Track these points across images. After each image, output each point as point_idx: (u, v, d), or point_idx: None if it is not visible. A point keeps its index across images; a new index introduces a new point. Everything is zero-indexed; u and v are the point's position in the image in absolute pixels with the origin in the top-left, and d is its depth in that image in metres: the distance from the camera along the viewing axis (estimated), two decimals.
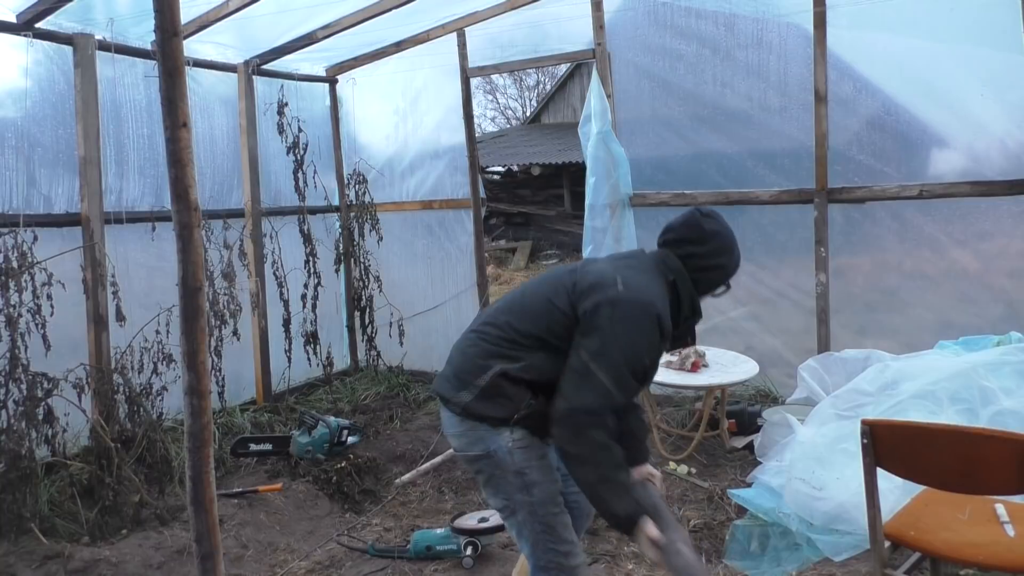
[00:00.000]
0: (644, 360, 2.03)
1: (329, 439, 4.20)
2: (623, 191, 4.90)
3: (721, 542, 3.26)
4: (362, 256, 6.05)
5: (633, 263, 2.19)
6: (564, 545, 2.12)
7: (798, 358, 4.23)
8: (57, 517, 3.50)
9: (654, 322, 2.02)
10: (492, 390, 2.07)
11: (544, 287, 2.19)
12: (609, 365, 1.96)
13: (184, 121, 1.67)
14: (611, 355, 1.97)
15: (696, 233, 2.20)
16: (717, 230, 2.22)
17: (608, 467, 1.96)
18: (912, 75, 4.20)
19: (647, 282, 2.10)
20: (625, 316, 1.99)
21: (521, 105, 28.92)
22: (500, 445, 2.08)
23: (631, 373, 2.00)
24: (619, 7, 4.98)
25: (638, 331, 2.00)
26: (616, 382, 1.97)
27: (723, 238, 2.22)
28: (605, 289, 2.03)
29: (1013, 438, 2.02)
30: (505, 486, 2.11)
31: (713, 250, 2.20)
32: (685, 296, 2.16)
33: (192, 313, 1.72)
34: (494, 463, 2.10)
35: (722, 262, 2.22)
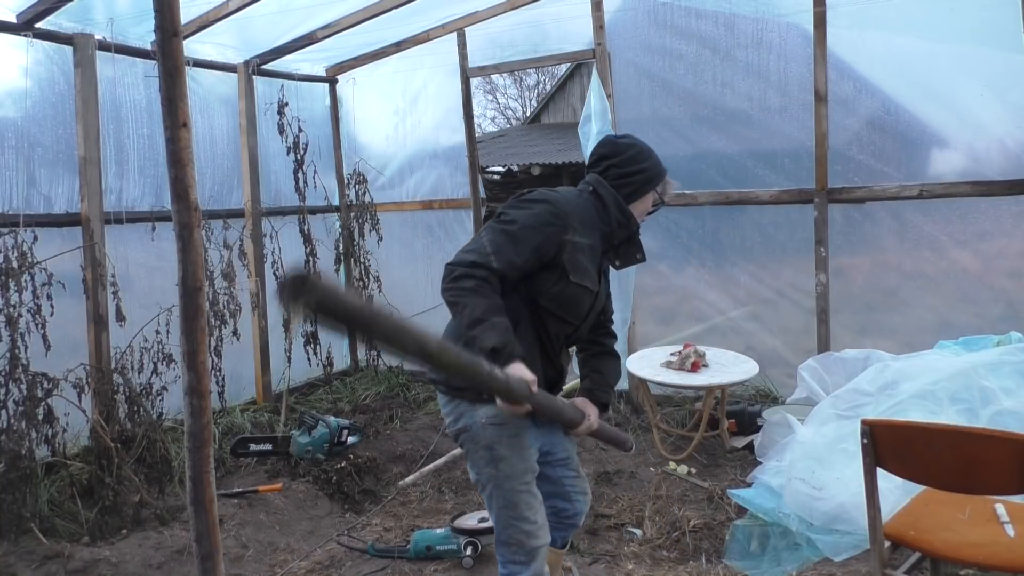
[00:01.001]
0: (532, 236, 2.10)
1: (329, 439, 4.20)
2: None
3: (721, 542, 3.26)
4: (362, 256, 6.05)
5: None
6: (526, 524, 2.20)
7: (798, 358, 4.23)
8: (57, 517, 3.50)
9: (545, 203, 2.15)
10: None
11: None
12: (493, 231, 2.13)
13: (184, 121, 1.67)
14: (496, 225, 2.15)
15: (610, 148, 2.35)
16: (631, 143, 2.36)
17: (480, 310, 2.02)
18: (912, 75, 4.20)
19: (559, 192, 2.25)
20: (517, 203, 2.19)
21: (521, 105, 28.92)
22: (475, 420, 2.17)
23: (514, 244, 2.09)
24: (619, 7, 4.98)
25: (528, 209, 2.15)
26: (495, 244, 2.09)
27: (638, 148, 2.34)
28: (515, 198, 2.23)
29: (1013, 438, 2.02)
30: (477, 460, 2.21)
31: (629, 158, 2.32)
32: (609, 199, 2.27)
33: (192, 313, 1.72)
34: (469, 437, 2.20)
35: (642, 167, 2.31)
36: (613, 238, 2.30)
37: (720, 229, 4.82)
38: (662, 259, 4.96)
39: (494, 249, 2.09)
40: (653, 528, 3.41)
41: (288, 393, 5.45)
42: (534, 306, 2.18)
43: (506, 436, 2.18)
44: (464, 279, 2.06)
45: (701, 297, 4.92)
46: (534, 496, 2.24)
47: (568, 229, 2.15)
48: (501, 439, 2.18)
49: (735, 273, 4.81)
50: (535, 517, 2.22)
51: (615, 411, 4.80)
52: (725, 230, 4.80)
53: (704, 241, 4.84)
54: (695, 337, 4.77)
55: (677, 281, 4.98)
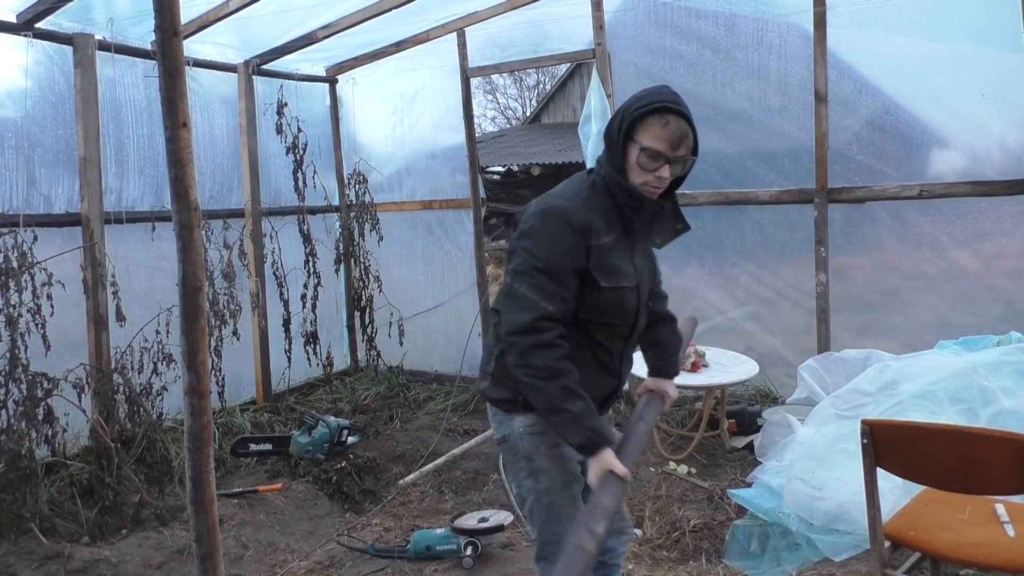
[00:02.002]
0: (564, 262, 1.89)
1: (329, 439, 4.20)
2: None
3: (721, 542, 3.26)
4: (362, 256, 6.05)
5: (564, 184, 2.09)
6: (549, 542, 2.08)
7: (798, 358, 4.23)
8: (57, 517, 3.50)
9: (559, 223, 1.90)
10: (499, 372, 2.05)
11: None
12: (526, 276, 1.89)
13: (184, 121, 1.67)
14: (527, 268, 1.90)
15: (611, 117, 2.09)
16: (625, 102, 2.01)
17: (554, 395, 1.86)
18: (912, 75, 4.20)
19: (559, 190, 2.03)
20: (532, 229, 1.92)
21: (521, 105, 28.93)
22: (512, 430, 2.07)
23: (554, 280, 1.89)
24: (619, 7, 4.98)
25: (546, 236, 1.90)
26: (538, 289, 1.88)
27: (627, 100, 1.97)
28: (521, 224, 1.98)
29: (1013, 438, 2.02)
30: (517, 472, 2.11)
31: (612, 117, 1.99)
32: (608, 178, 1.97)
33: (192, 313, 1.72)
34: (508, 447, 2.10)
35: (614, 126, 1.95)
36: (635, 219, 2.00)
37: (720, 229, 4.82)
38: (662, 259, 4.87)
39: (540, 295, 1.88)
40: (653, 528, 3.41)
41: (288, 393, 5.46)
42: (575, 320, 1.97)
43: (545, 446, 2.05)
44: (534, 353, 1.87)
45: (701, 297, 4.92)
46: (579, 510, 2.05)
47: (589, 234, 1.92)
48: (540, 449, 2.05)
49: (735, 273, 4.81)
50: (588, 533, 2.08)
51: (615, 411, 4.80)
52: (725, 230, 4.80)
53: (704, 241, 4.84)
54: (695, 337, 4.75)
55: (677, 281, 4.97)
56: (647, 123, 1.89)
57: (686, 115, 1.91)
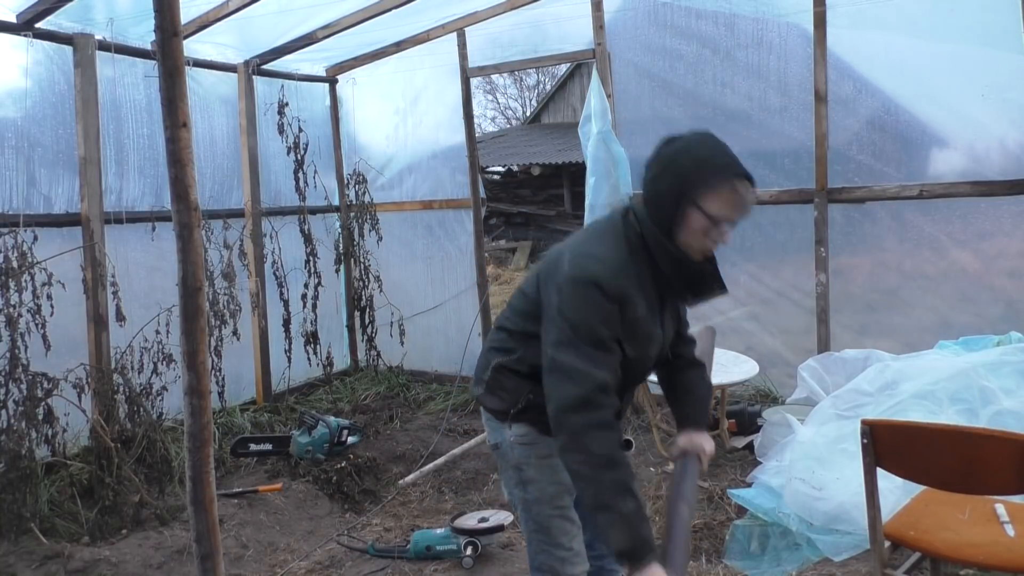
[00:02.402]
0: (604, 332, 1.78)
1: (329, 439, 4.20)
2: (623, 191, 4.89)
3: (721, 542, 3.26)
4: (362, 256, 6.05)
5: (594, 228, 1.98)
6: (560, 551, 2.01)
7: (798, 358, 4.23)
8: (57, 517, 3.50)
9: (596, 294, 1.78)
10: (493, 383, 2.04)
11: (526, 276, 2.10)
12: (571, 346, 1.76)
13: (184, 121, 1.67)
14: (568, 339, 1.77)
15: (651, 159, 1.88)
16: (668, 143, 1.85)
17: (607, 489, 1.71)
18: (912, 75, 4.20)
19: (596, 249, 1.86)
20: (569, 297, 1.79)
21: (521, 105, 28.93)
22: (504, 438, 2.04)
23: (600, 349, 1.78)
24: (619, 7, 4.98)
25: (584, 307, 1.78)
26: (586, 358, 1.75)
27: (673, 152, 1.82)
28: (555, 275, 1.86)
29: (1013, 438, 2.02)
30: (507, 480, 2.11)
31: (658, 170, 1.84)
32: (653, 245, 1.84)
33: (192, 313, 1.72)
34: (500, 454, 2.09)
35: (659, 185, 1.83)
36: (672, 280, 1.89)
37: None
38: None
39: (590, 363, 1.75)
40: (653, 528, 3.40)
41: (288, 393, 5.46)
42: None
43: (535, 457, 2.00)
44: (592, 436, 1.73)
45: None
46: (569, 521, 2.02)
47: (624, 304, 1.81)
48: (530, 459, 2.01)
49: (735, 273, 4.80)
50: (570, 544, 2.01)
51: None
52: None
53: None
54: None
55: None
56: (717, 190, 1.78)
57: (751, 177, 1.82)
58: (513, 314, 2.05)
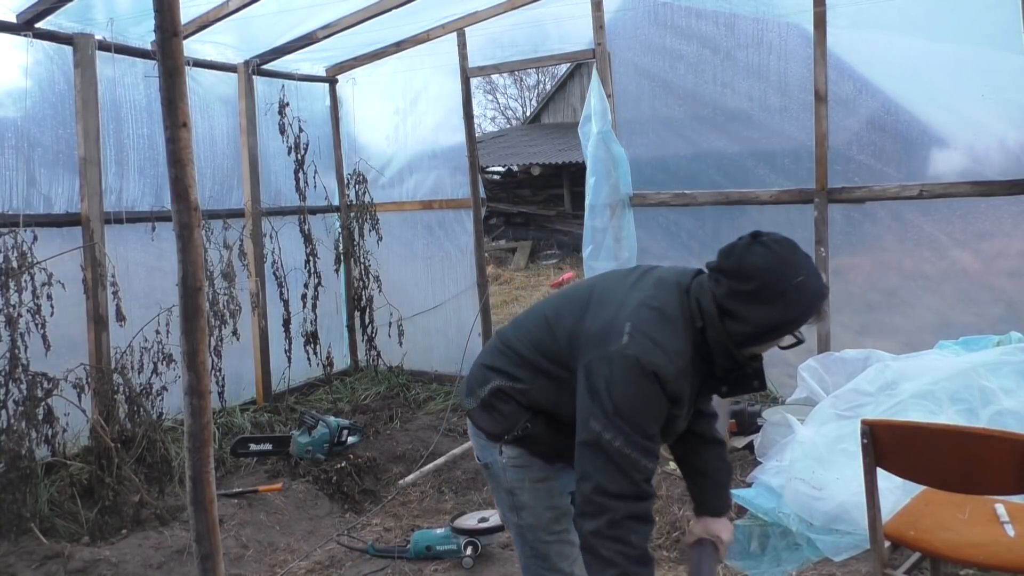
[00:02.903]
0: (651, 427, 1.71)
1: (329, 439, 4.20)
2: (623, 191, 4.90)
3: None
4: (362, 256, 6.05)
5: (657, 303, 1.77)
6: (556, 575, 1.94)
7: (798, 358, 4.22)
8: (57, 517, 3.50)
9: (655, 387, 1.68)
10: (488, 404, 1.93)
11: (555, 301, 1.97)
12: (624, 433, 1.65)
13: (184, 121, 1.67)
14: (621, 423, 1.66)
15: (735, 265, 1.72)
16: (762, 267, 1.69)
17: None
18: (912, 75, 4.20)
19: (661, 336, 1.71)
20: (622, 378, 1.67)
21: (521, 105, 28.95)
22: (496, 459, 1.94)
23: (650, 437, 1.71)
24: (619, 7, 4.98)
25: (641, 395, 1.68)
26: (640, 449, 1.67)
27: (766, 278, 1.68)
28: (608, 343, 1.71)
29: (1013, 438, 2.02)
30: (499, 502, 2.02)
31: (743, 293, 1.69)
32: (717, 350, 1.75)
33: (192, 313, 1.72)
34: (491, 475, 2.00)
35: (747, 314, 1.69)
36: (717, 380, 1.86)
37: (720, 229, 4.82)
38: (662, 260, 4.94)
39: (642, 453, 1.67)
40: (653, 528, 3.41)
41: (288, 393, 5.46)
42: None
43: (528, 480, 1.92)
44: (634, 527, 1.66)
45: None
46: (569, 544, 1.92)
47: (675, 403, 1.75)
48: (523, 484, 1.92)
49: None
50: (571, 568, 1.93)
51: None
52: (725, 230, 4.79)
53: (704, 241, 4.83)
54: None
55: None
56: (812, 317, 1.77)
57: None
58: (529, 342, 1.91)
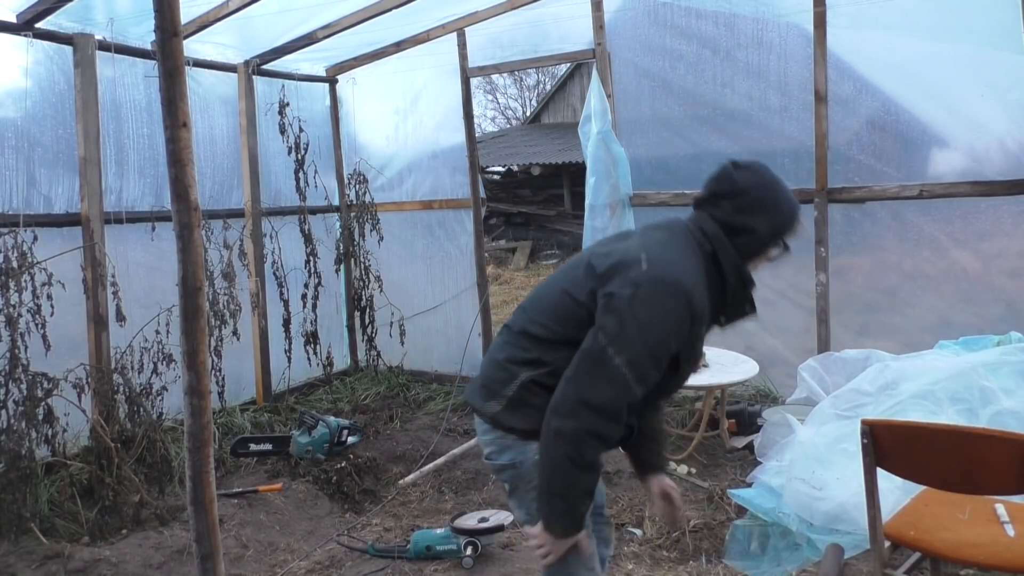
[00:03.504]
0: (670, 347, 1.77)
1: (329, 439, 4.20)
2: (623, 191, 4.90)
3: (721, 542, 3.26)
4: (362, 256, 6.05)
5: (663, 236, 1.89)
6: (583, 571, 1.95)
7: (798, 358, 4.23)
8: (57, 517, 3.50)
9: (682, 304, 1.75)
10: (519, 400, 1.89)
11: (561, 275, 1.98)
12: (629, 351, 1.70)
13: (184, 121, 1.67)
14: (631, 340, 1.70)
15: (728, 185, 1.90)
16: (756, 179, 1.88)
17: (575, 488, 1.77)
18: (912, 75, 4.20)
19: (678, 256, 1.82)
20: (648, 296, 1.73)
21: (521, 105, 28.95)
22: (527, 457, 1.91)
23: (654, 363, 1.76)
24: (619, 7, 4.98)
25: (663, 313, 1.73)
26: (637, 373, 1.72)
27: (763, 186, 1.88)
28: (627, 269, 1.78)
29: (1013, 438, 2.02)
30: (527, 501, 1.95)
31: (752, 204, 1.86)
32: (729, 267, 1.87)
33: (192, 313, 1.72)
34: (518, 475, 1.95)
35: (767, 216, 1.86)
36: (726, 306, 1.94)
37: None
38: None
39: (636, 377, 1.73)
40: (653, 528, 3.41)
41: (288, 393, 5.46)
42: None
43: None
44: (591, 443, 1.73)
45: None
46: (593, 538, 1.97)
47: (698, 323, 1.81)
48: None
49: None
50: (592, 564, 1.96)
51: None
52: None
53: None
54: None
55: None
56: (797, 229, 1.93)
57: None
58: (550, 319, 1.90)
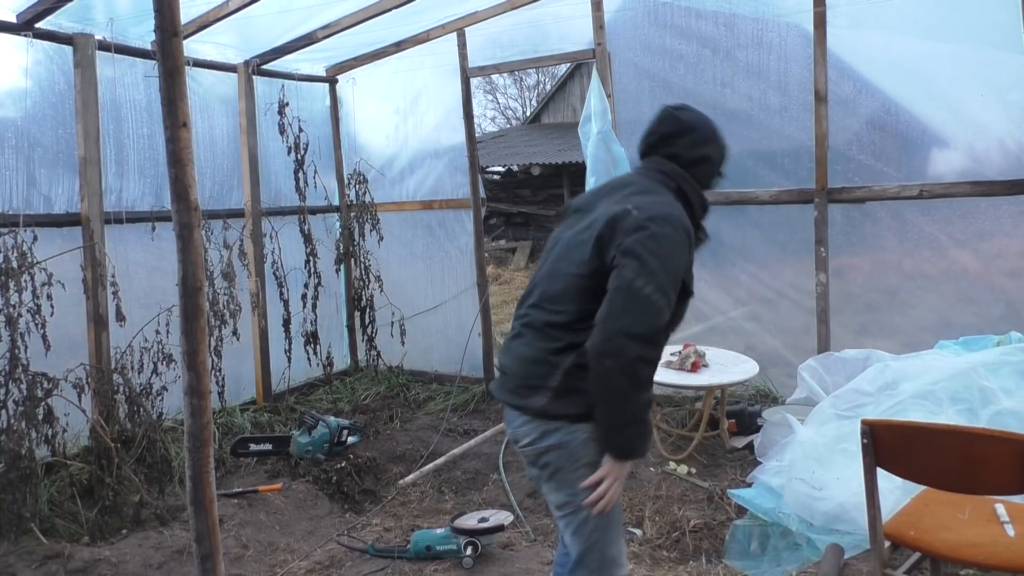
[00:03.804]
0: (682, 270, 1.93)
1: (329, 439, 4.20)
2: None
3: (721, 542, 3.26)
4: (362, 256, 6.05)
5: (630, 189, 2.07)
6: (617, 548, 2.03)
7: (798, 358, 4.23)
8: (57, 517, 3.50)
9: (680, 231, 1.93)
10: (566, 387, 1.95)
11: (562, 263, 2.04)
12: (656, 280, 1.82)
13: (184, 121, 1.67)
14: (655, 270, 1.83)
15: (676, 125, 2.16)
16: (697, 117, 2.18)
17: (643, 407, 1.87)
18: (912, 75, 4.20)
19: (657, 198, 2.01)
20: (655, 233, 1.88)
21: (521, 105, 28.94)
22: (575, 436, 1.97)
23: (675, 287, 1.89)
24: (619, 7, 4.98)
25: (671, 243, 1.90)
26: (666, 299, 1.84)
27: (703, 126, 2.17)
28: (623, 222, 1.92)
29: (1013, 438, 2.02)
30: (572, 480, 1.99)
31: (701, 139, 2.14)
32: (695, 198, 2.09)
33: (192, 313, 1.72)
34: (565, 455, 1.98)
35: (707, 153, 2.14)
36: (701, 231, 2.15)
37: (720, 229, 4.81)
38: None
39: (666, 303, 1.85)
40: (653, 528, 3.41)
41: (288, 393, 5.46)
42: None
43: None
44: (643, 366, 1.83)
45: (701, 297, 4.92)
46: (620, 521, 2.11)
47: (692, 245, 2.00)
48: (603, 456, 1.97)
49: (735, 273, 4.81)
50: (623, 543, 2.09)
51: None
52: (725, 230, 4.80)
53: None
54: (695, 337, 4.76)
55: None
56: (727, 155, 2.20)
57: None
58: (570, 302, 1.97)
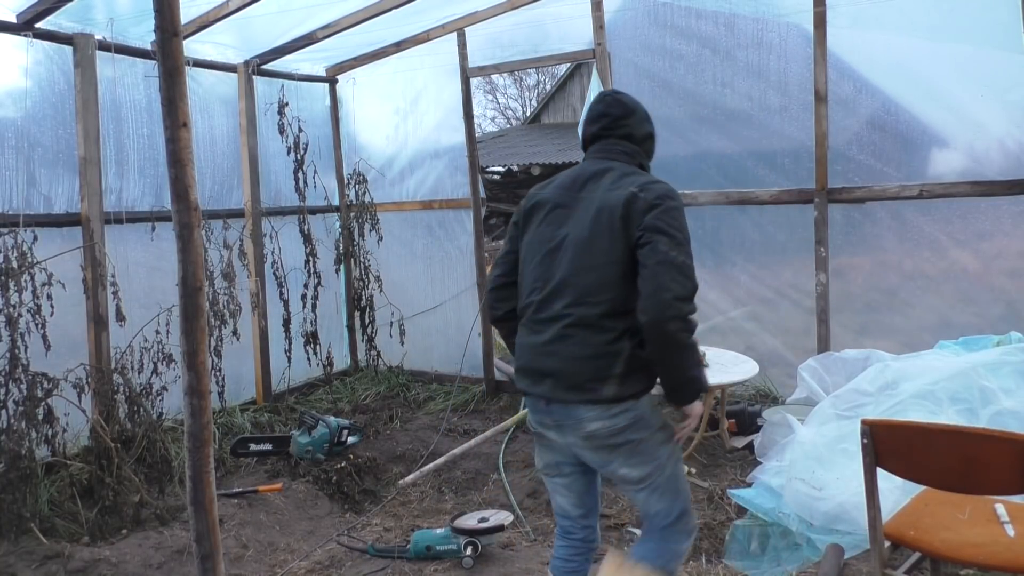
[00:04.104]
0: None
1: (329, 439, 4.20)
2: None
3: (721, 542, 3.26)
4: (362, 256, 6.05)
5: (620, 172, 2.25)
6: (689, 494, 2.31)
7: (798, 358, 4.23)
8: (57, 517, 3.50)
9: (679, 200, 2.19)
10: (628, 371, 2.10)
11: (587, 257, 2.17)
12: (683, 249, 2.09)
13: (184, 121, 1.67)
14: (681, 241, 2.09)
15: (621, 108, 2.35)
16: (634, 100, 2.39)
17: (697, 350, 2.14)
18: (912, 75, 4.20)
19: (650, 177, 2.24)
20: (667, 207, 2.12)
21: (521, 105, 28.95)
22: (643, 408, 2.15)
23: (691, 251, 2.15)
24: (619, 7, 4.98)
25: (680, 212, 2.16)
26: (691, 259, 2.11)
27: (641, 106, 2.38)
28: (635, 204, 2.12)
29: (1013, 438, 2.02)
30: (652, 447, 2.17)
31: (642, 119, 2.36)
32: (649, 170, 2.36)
33: (192, 313, 1.72)
34: (641, 426, 2.15)
35: (651, 129, 2.39)
36: None
37: (720, 229, 4.82)
38: None
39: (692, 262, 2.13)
40: None
41: (288, 393, 5.46)
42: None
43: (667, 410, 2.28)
44: (692, 320, 2.09)
45: (701, 297, 4.84)
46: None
47: None
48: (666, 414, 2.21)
49: (735, 273, 4.81)
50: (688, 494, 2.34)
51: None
52: (725, 230, 4.80)
53: (704, 241, 4.84)
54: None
55: None
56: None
57: None
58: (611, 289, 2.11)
